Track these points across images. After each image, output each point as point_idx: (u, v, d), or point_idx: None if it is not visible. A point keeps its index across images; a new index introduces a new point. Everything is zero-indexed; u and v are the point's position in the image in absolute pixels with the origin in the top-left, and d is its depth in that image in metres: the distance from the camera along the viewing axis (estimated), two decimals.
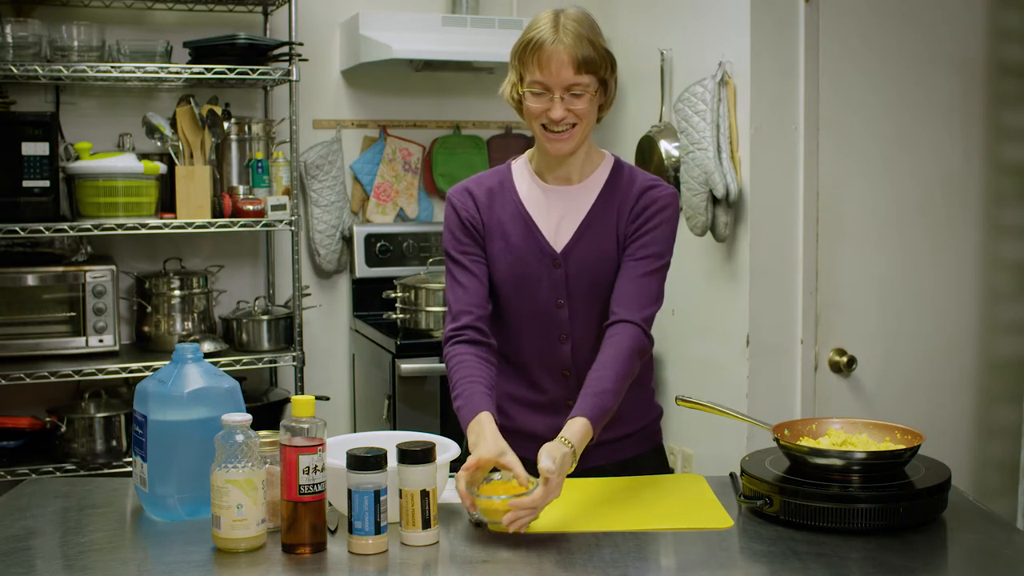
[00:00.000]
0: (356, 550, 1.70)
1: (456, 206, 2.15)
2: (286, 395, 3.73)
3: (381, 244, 3.94)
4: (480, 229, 2.13)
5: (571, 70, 1.96)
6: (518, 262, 2.09)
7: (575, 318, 2.10)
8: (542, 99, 2.00)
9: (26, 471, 3.25)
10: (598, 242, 2.09)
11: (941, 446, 2.21)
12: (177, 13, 3.74)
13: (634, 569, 1.66)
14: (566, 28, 1.97)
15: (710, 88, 3.05)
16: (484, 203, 2.13)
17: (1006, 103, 3.20)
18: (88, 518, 1.89)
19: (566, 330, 2.11)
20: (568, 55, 1.96)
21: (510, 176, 2.16)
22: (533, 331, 2.12)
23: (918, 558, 1.68)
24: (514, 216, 2.12)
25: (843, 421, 2.03)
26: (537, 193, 2.13)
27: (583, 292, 2.09)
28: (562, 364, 2.12)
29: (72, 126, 3.62)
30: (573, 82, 1.98)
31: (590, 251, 2.09)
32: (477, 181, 2.18)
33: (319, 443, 1.70)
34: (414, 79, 4.04)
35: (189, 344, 1.90)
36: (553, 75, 1.97)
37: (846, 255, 3.08)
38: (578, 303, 2.10)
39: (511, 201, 2.13)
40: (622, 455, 2.18)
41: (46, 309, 3.39)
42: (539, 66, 1.97)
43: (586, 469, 2.02)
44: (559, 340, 2.11)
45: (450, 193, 2.17)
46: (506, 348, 2.15)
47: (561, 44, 1.96)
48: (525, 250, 2.09)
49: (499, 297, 2.13)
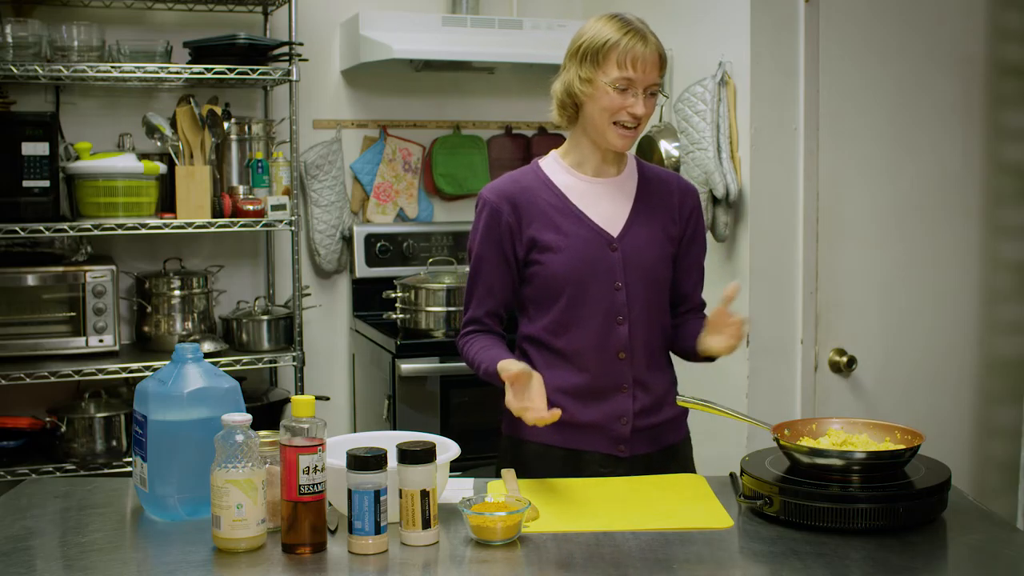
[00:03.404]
0: (356, 550, 1.70)
1: (495, 212, 2.20)
2: (286, 395, 3.73)
3: (381, 244, 3.94)
4: (517, 236, 2.19)
5: (656, 71, 2.12)
6: (575, 248, 2.16)
7: (632, 300, 2.18)
8: (626, 95, 2.10)
9: (26, 471, 3.25)
10: (648, 228, 2.21)
11: (941, 446, 2.21)
12: (177, 13, 3.74)
13: (634, 569, 1.66)
14: (649, 32, 2.12)
15: (710, 88, 3.05)
16: (524, 202, 2.19)
17: (1006, 103, 3.20)
18: (88, 518, 1.89)
19: (623, 312, 2.17)
20: (657, 55, 2.11)
21: (543, 172, 2.24)
22: (592, 315, 2.17)
23: (918, 558, 1.68)
24: (560, 208, 2.19)
25: (843, 421, 2.03)
26: (579, 185, 2.22)
27: (637, 275, 2.18)
28: (619, 346, 2.17)
29: (72, 126, 3.62)
30: (655, 82, 2.12)
31: (643, 236, 2.20)
32: (512, 180, 2.24)
33: (319, 443, 1.70)
34: (414, 79, 4.04)
35: (189, 344, 1.90)
36: (643, 74, 2.09)
37: (846, 255, 3.08)
38: (633, 285, 2.18)
39: (553, 194, 2.20)
40: (664, 441, 2.25)
41: (46, 309, 3.39)
42: (633, 64, 2.08)
43: (635, 456, 2.19)
44: (616, 322, 2.17)
45: (485, 194, 2.23)
46: (561, 339, 2.19)
47: (652, 46, 2.11)
48: (580, 237, 2.17)
49: (556, 286, 2.18)
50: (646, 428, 2.20)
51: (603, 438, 2.18)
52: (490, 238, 2.20)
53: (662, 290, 2.24)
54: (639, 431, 2.19)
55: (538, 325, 2.21)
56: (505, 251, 2.19)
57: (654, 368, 2.22)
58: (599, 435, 2.18)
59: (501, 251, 2.19)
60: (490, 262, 2.20)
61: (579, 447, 2.19)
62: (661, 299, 2.24)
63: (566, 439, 2.19)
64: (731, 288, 2.08)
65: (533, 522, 1.82)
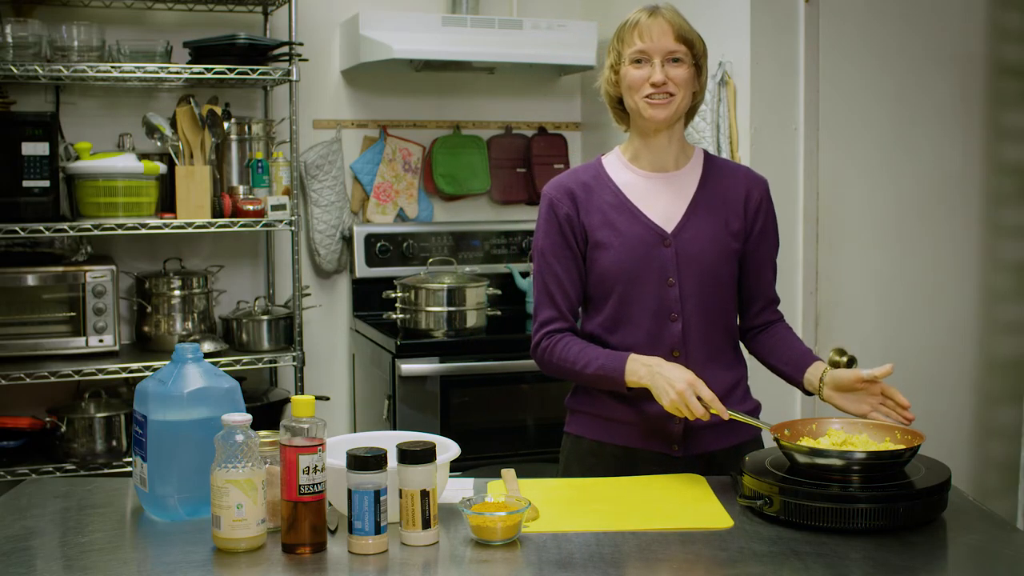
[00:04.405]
0: (356, 550, 1.70)
1: (554, 204, 2.20)
2: (286, 395, 3.73)
3: (381, 244, 3.94)
4: (577, 227, 2.18)
5: (671, 37, 2.11)
6: (626, 246, 2.15)
7: (685, 297, 2.15)
8: (643, 67, 2.12)
9: (26, 471, 3.25)
10: (707, 224, 2.18)
11: (941, 446, 2.21)
12: (177, 13, 3.74)
13: (634, 569, 1.66)
14: (664, 8, 2.15)
15: (710, 88, 3.05)
16: (583, 197, 2.20)
17: (1006, 103, 3.20)
18: (88, 518, 1.89)
19: (676, 309, 2.15)
20: (669, 24, 2.12)
21: (603, 169, 2.24)
22: (644, 312, 2.16)
23: (918, 558, 1.68)
24: (616, 205, 2.18)
25: (843, 421, 2.03)
26: (637, 180, 2.21)
27: (692, 271, 2.15)
28: (672, 344, 2.16)
29: (72, 126, 3.62)
30: (673, 48, 2.12)
31: (699, 231, 2.17)
32: (573, 176, 2.24)
33: (319, 443, 1.70)
34: (414, 79, 4.04)
35: (189, 344, 1.90)
36: (655, 42, 2.11)
37: (846, 255, 3.08)
38: (688, 282, 2.15)
39: (610, 191, 2.20)
40: (731, 440, 2.20)
41: (46, 309, 3.39)
42: (640, 36, 2.11)
43: (693, 455, 2.17)
44: (670, 319, 2.15)
45: (547, 190, 2.23)
46: (615, 336, 2.18)
47: (662, 16, 2.13)
48: (633, 233, 2.16)
49: (608, 283, 2.17)
50: (702, 427, 2.15)
51: (655, 437, 2.16)
52: (552, 230, 2.19)
53: (723, 287, 2.19)
54: (693, 430, 2.16)
55: (595, 322, 2.21)
56: (568, 242, 2.18)
57: (714, 367, 2.16)
58: (651, 434, 2.16)
59: (564, 242, 2.18)
60: (556, 255, 2.19)
61: (631, 445, 2.18)
62: (721, 296, 2.19)
63: (619, 437, 2.19)
64: (883, 370, 2.02)
65: (533, 522, 1.82)
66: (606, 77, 2.20)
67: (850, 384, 2.06)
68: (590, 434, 2.23)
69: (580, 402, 2.26)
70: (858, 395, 2.06)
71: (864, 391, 2.06)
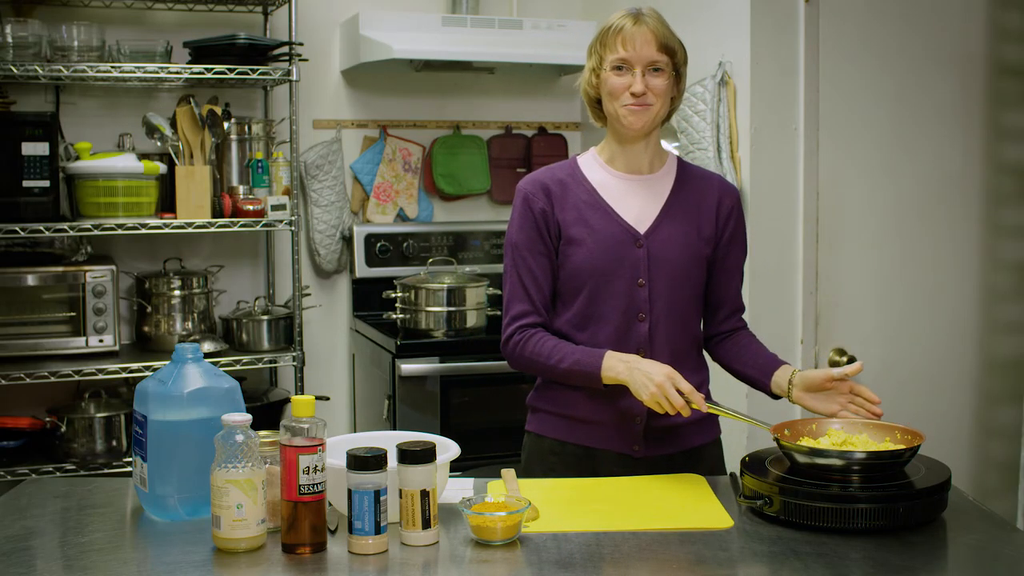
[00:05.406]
0: (356, 550, 1.70)
1: (529, 199, 2.21)
2: (286, 395, 3.73)
3: (381, 244, 3.94)
4: (551, 222, 2.19)
5: (653, 47, 2.12)
6: (599, 244, 2.16)
7: (654, 298, 2.17)
8: (624, 75, 2.13)
9: (26, 471, 3.25)
10: (679, 227, 2.19)
11: (941, 446, 2.21)
12: (177, 13, 3.74)
13: (634, 569, 1.66)
14: (648, 15, 2.15)
15: (710, 88, 3.05)
16: (558, 193, 2.20)
17: (1006, 103, 3.20)
18: (88, 518, 1.89)
19: (645, 309, 2.17)
20: (652, 34, 2.12)
21: (579, 168, 2.25)
22: (613, 310, 2.16)
23: (918, 558, 1.68)
24: (591, 203, 2.19)
25: (843, 421, 2.03)
26: (612, 181, 2.22)
27: (663, 273, 2.17)
28: (638, 344, 2.16)
29: (72, 126, 3.62)
30: (655, 59, 2.12)
31: (672, 234, 2.19)
32: (549, 173, 2.25)
33: (319, 443, 1.70)
34: (414, 79, 4.04)
35: (189, 344, 1.90)
36: (637, 51, 2.11)
37: (846, 255, 3.08)
38: (658, 284, 2.17)
39: (585, 190, 2.21)
40: (688, 443, 2.23)
41: (46, 309, 3.39)
42: (623, 44, 2.12)
43: (653, 456, 2.18)
44: (638, 319, 2.17)
45: (523, 185, 2.24)
46: (582, 333, 2.18)
47: (645, 25, 2.13)
48: (606, 232, 2.16)
49: (579, 280, 2.18)
50: (662, 429, 2.17)
51: (616, 437, 2.18)
52: (526, 225, 2.20)
53: (691, 290, 2.21)
54: (654, 431, 2.18)
55: (563, 318, 2.21)
56: (542, 237, 2.19)
57: (678, 369, 2.13)
58: (612, 434, 2.18)
59: (539, 236, 2.19)
60: (530, 249, 2.19)
61: (592, 445, 2.19)
62: (689, 299, 2.21)
63: (580, 436, 2.19)
64: (854, 368, 2.06)
65: (533, 522, 1.82)
66: (586, 79, 2.21)
67: (820, 384, 2.08)
68: (551, 433, 2.23)
69: (542, 400, 2.26)
70: (828, 394, 2.09)
71: (834, 390, 2.09)
